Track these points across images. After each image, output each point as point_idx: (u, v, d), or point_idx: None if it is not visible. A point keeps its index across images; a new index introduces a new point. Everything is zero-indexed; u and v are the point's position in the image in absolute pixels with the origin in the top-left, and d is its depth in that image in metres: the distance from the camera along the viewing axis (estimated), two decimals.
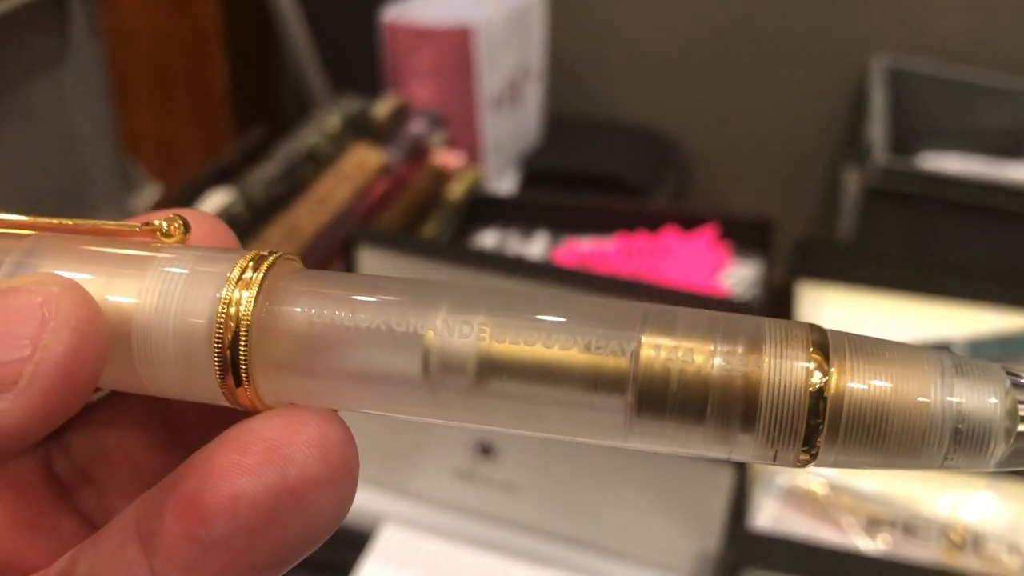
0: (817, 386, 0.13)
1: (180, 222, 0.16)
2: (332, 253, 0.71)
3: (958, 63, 1.59)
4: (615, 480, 0.46)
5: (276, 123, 1.08)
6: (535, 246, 0.71)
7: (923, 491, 0.53)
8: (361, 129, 0.88)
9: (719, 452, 0.14)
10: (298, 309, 0.14)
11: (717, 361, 0.14)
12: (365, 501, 0.51)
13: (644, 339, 0.14)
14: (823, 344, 0.14)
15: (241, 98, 1.59)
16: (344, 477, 0.15)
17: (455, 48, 1.37)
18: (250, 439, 0.14)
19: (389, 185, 0.80)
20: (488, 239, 0.73)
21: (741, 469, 0.43)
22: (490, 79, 1.39)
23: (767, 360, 0.13)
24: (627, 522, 0.47)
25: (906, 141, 1.54)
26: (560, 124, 1.63)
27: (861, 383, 0.13)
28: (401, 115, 0.93)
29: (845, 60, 1.64)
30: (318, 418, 0.14)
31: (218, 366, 0.14)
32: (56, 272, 0.14)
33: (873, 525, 0.50)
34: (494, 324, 0.14)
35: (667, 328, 0.14)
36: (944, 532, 0.49)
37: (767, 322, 0.14)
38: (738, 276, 0.66)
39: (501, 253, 0.62)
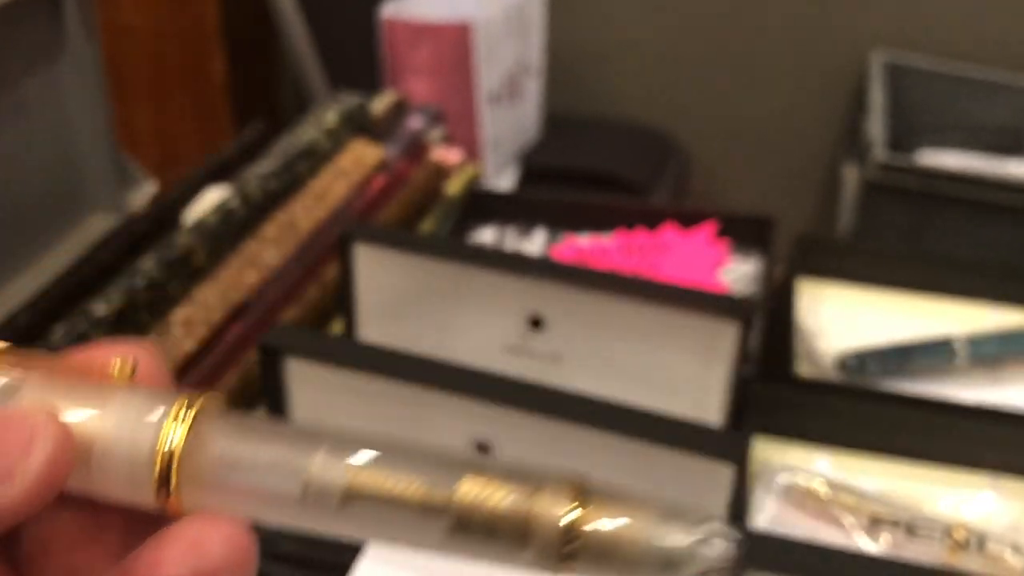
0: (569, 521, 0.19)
1: (130, 364, 0.21)
2: (329, 249, 0.70)
3: (957, 60, 1.58)
4: (615, 480, 0.46)
5: (275, 119, 1.07)
6: (533, 243, 0.70)
7: (926, 490, 0.52)
8: (358, 125, 0.87)
9: (512, 561, 0.19)
10: (215, 444, 0.20)
11: (509, 500, 0.19)
12: None
13: (464, 481, 0.20)
14: (583, 489, 0.20)
15: (240, 94, 1.58)
16: (247, 565, 0.20)
17: (454, 44, 1.36)
18: (177, 536, 0.19)
19: (387, 181, 0.79)
20: (486, 236, 0.72)
21: (741, 468, 0.42)
22: (489, 75, 1.38)
23: (542, 502, 0.19)
24: None
25: (905, 138, 1.53)
26: (559, 121, 1.62)
27: (602, 523, 0.19)
28: (399, 111, 0.92)
29: (845, 57, 1.63)
30: (227, 521, 0.19)
31: (156, 483, 0.20)
32: (40, 402, 0.20)
33: (875, 525, 0.49)
34: (358, 467, 0.20)
35: (480, 472, 0.20)
36: (947, 532, 0.48)
37: (556, 476, 0.20)
38: (738, 273, 0.65)
39: (495, 249, 0.61)
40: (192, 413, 0.20)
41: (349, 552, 0.48)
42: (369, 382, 0.47)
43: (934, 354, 0.60)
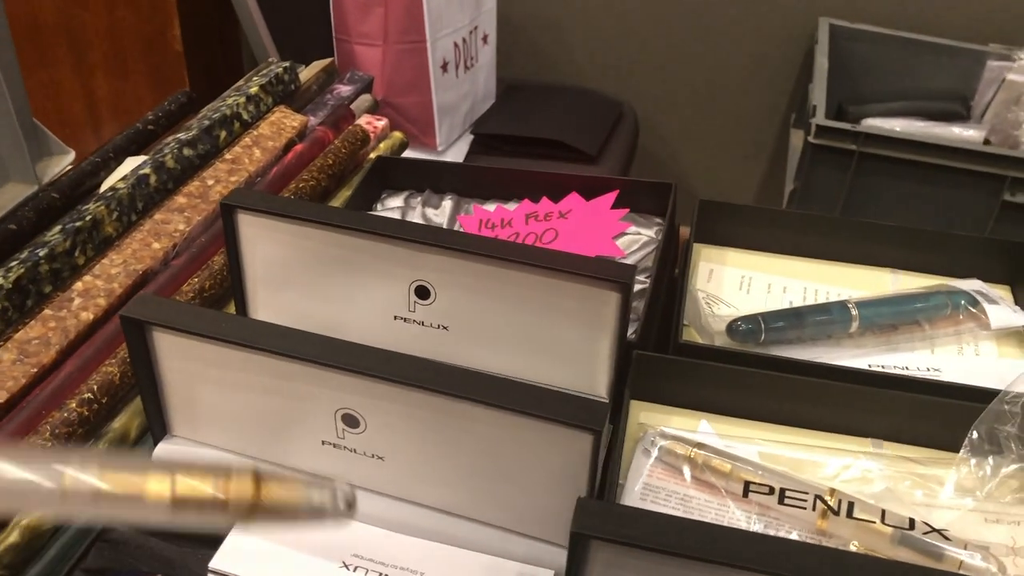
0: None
1: None
2: None
3: (906, 29, 1.55)
4: (481, 449, 0.44)
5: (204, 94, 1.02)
6: (441, 211, 0.68)
7: (807, 457, 0.51)
8: (284, 93, 0.84)
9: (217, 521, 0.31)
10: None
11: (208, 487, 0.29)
12: None
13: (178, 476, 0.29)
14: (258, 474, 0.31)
15: (199, 63, 1.54)
16: None
17: (404, 11, 1.32)
18: None
19: (304, 148, 0.76)
20: (394, 203, 0.69)
21: (598, 437, 0.40)
22: (439, 43, 1.35)
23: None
24: (497, 492, 0.45)
25: (854, 105, 1.50)
26: (512, 89, 1.59)
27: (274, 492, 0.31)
28: (327, 79, 0.89)
29: (795, 23, 1.59)
30: None
31: None
32: None
33: (749, 492, 0.47)
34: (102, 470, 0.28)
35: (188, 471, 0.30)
36: (819, 498, 0.46)
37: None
38: (636, 239, 0.63)
39: (379, 217, 0.58)
40: None
41: (221, 529, 0.46)
42: (232, 353, 0.44)
43: (828, 319, 0.58)
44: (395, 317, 0.54)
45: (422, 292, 0.53)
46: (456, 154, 1.43)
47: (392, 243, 0.52)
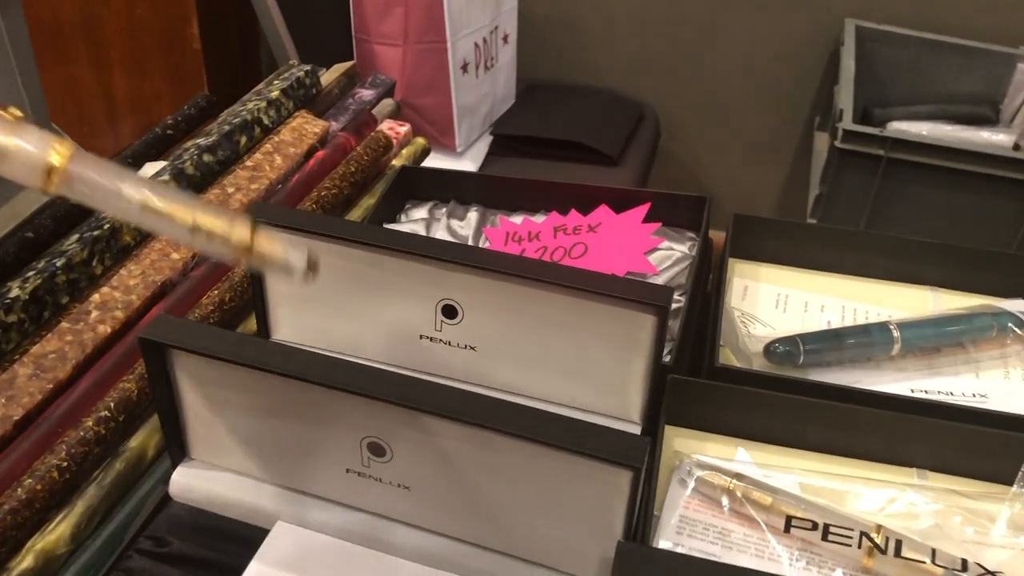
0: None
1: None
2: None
3: (932, 31, 1.52)
4: (512, 483, 0.42)
5: (254, 86, 1.00)
6: (467, 222, 0.66)
7: (848, 487, 0.48)
8: (305, 97, 0.82)
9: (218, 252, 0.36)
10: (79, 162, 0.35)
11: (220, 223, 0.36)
12: (258, 497, 0.46)
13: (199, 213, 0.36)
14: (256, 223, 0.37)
15: (217, 60, 1.52)
16: None
17: (424, 11, 1.30)
18: None
19: (326, 155, 0.74)
20: (418, 214, 0.67)
21: (638, 474, 0.38)
22: (460, 43, 1.32)
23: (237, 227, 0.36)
24: (527, 526, 0.43)
25: (880, 108, 1.48)
26: (533, 90, 1.56)
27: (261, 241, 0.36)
28: (349, 83, 0.87)
29: (820, 26, 1.56)
30: None
31: (44, 174, 0.34)
32: None
33: (789, 525, 0.45)
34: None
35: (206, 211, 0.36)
36: (863, 535, 0.44)
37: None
38: (669, 255, 0.61)
39: (406, 233, 0.56)
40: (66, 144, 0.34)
41: (240, 553, 0.44)
42: (257, 378, 0.42)
43: (868, 340, 0.55)
44: (421, 336, 0.52)
45: (449, 311, 0.51)
46: (475, 155, 1.41)
47: (418, 260, 0.49)
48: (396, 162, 0.80)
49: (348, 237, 0.50)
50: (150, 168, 0.75)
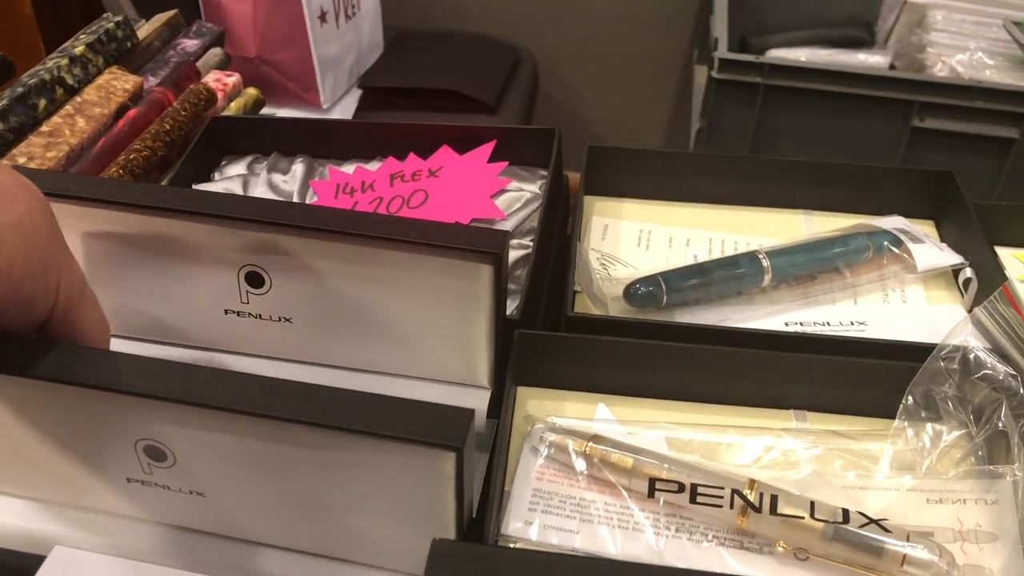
0: None
1: None
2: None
3: None
4: (320, 475, 0.35)
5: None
6: (291, 175, 0.58)
7: (723, 438, 0.43)
8: (117, 51, 0.72)
9: None
10: None
11: None
12: (30, 520, 0.38)
13: None
14: None
15: (54, 25, 1.39)
16: None
17: None
18: None
19: (138, 113, 0.65)
20: (236, 169, 0.59)
21: (460, 455, 0.32)
22: None
23: None
24: (346, 523, 0.36)
25: (757, 36, 1.43)
26: (401, 39, 1.47)
27: None
28: (171, 34, 0.77)
29: None
30: None
31: None
32: None
33: (655, 491, 0.39)
34: None
35: None
36: (737, 492, 0.38)
37: None
38: (519, 196, 0.54)
39: (191, 190, 0.47)
40: None
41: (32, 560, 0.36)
42: (10, 383, 0.34)
43: (737, 273, 0.50)
44: (227, 311, 0.44)
45: (254, 279, 0.43)
46: (344, 111, 1.31)
47: (212, 222, 0.41)
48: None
49: (125, 201, 0.42)
50: None
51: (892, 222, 0.53)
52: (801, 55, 1.36)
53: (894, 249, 0.52)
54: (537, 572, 0.27)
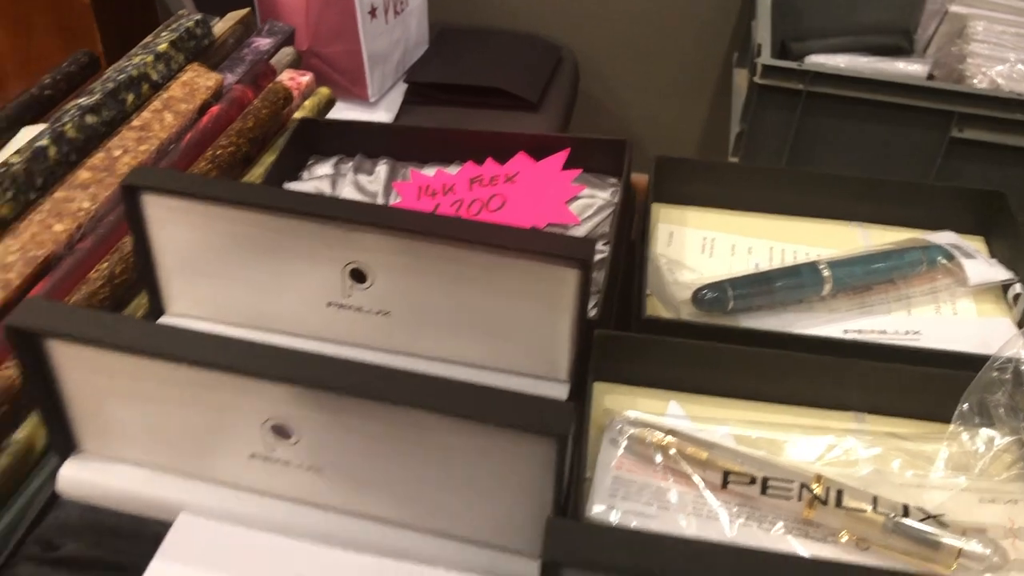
0: None
1: None
2: None
3: None
4: (431, 457, 0.39)
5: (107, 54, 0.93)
6: (375, 177, 0.62)
7: (786, 436, 0.46)
8: (196, 49, 0.76)
9: None
10: None
11: None
12: (158, 488, 0.43)
13: None
14: None
15: (109, 15, 1.43)
16: None
17: None
18: None
19: (221, 111, 0.69)
20: (323, 170, 0.63)
21: (563, 442, 0.36)
22: None
23: None
24: (450, 502, 0.40)
25: (798, 43, 1.46)
26: (446, 35, 1.51)
27: None
28: (244, 32, 0.81)
29: None
30: None
31: None
32: None
33: (728, 483, 0.43)
34: None
35: None
36: (803, 487, 0.42)
37: None
38: (591, 203, 0.58)
39: (305, 193, 0.51)
40: None
41: (140, 551, 0.40)
42: (143, 364, 0.38)
43: (798, 281, 0.53)
44: (329, 304, 0.48)
45: (358, 275, 0.47)
46: (390, 105, 1.35)
47: (320, 222, 0.45)
48: (298, 115, 0.75)
49: (242, 200, 0.46)
50: (27, 132, 0.69)
51: (945, 237, 0.57)
52: (840, 62, 1.39)
53: (946, 263, 0.55)
54: (646, 550, 0.31)
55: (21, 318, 0.38)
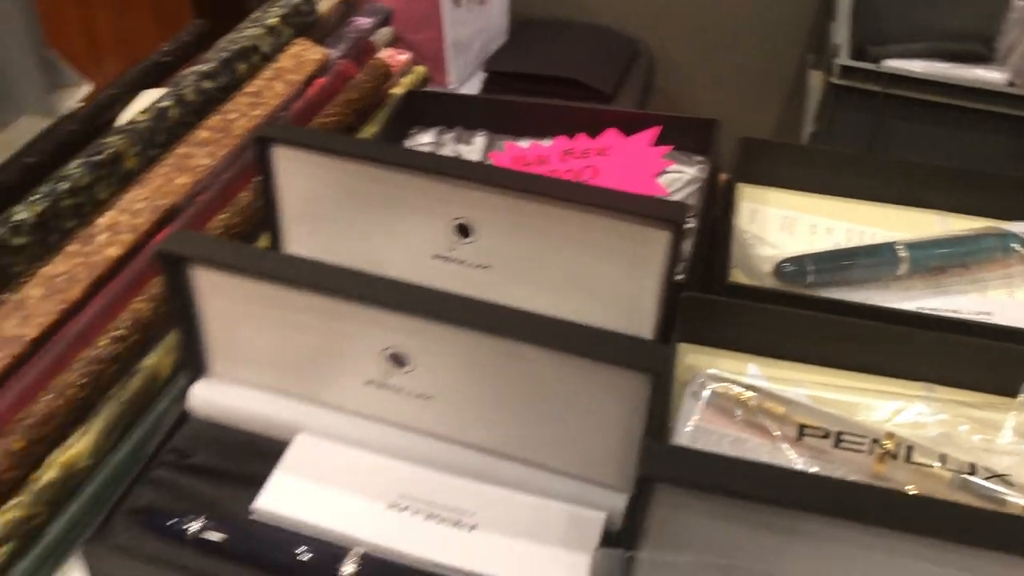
0: None
1: None
2: None
3: None
4: (533, 391, 0.43)
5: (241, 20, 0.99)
6: (473, 147, 0.66)
7: (858, 400, 0.49)
8: (302, 24, 0.81)
9: None
10: None
11: None
12: (279, 410, 0.47)
13: None
14: None
15: None
16: None
17: None
18: None
19: (328, 82, 0.74)
20: (424, 139, 0.67)
21: (658, 378, 0.39)
22: None
23: None
24: (548, 433, 0.44)
25: (874, 46, 1.47)
26: (525, 25, 1.55)
27: None
28: (346, 10, 0.86)
29: None
30: None
31: None
32: None
33: (803, 436, 0.46)
34: None
35: None
36: (875, 442, 0.45)
37: None
38: (679, 178, 0.61)
39: (420, 151, 0.56)
40: None
41: (261, 465, 0.45)
42: (278, 292, 0.43)
43: (876, 260, 0.56)
44: (434, 256, 0.53)
45: (463, 230, 0.51)
46: (468, 92, 1.40)
47: (433, 179, 0.50)
48: (395, 91, 0.80)
49: (362, 155, 0.50)
50: (148, 95, 0.74)
51: (1020, 227, 0.59)
52: (917, 67, 1.40)
53: (1021, 251, 0.58)
54: (739, 472, 0.35)
55: (171, 245, 0.43)
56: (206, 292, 0.45)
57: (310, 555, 0.41)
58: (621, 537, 0.42)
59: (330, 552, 0.41)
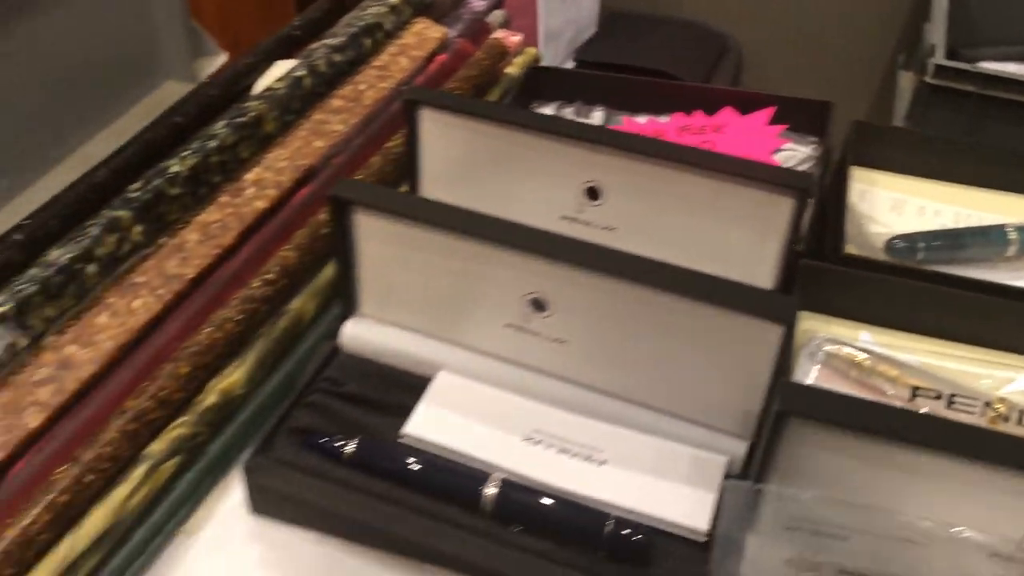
0: None
1: None
2: (392, 121, 0.70)
3: None
4: (665, 339, 0.46)
5: (341, 4, 1.04)
6: (591, 122, 0.70)
7: (966, 370, 0.52)
8: (420, 4, 0.86)
9: None
10: None
11: None
12: (423, 349, 0.51)
13: None
14: None
15: None
16: None
17: None
18: None
19: (449, 59, 0.78)
20: (547, 111, 0.71)
21: (788, 328, 0.42)
22: None
23: None
24: (679, 381, 0.47)
25: (967, 48, 1.47)
26: (615, 17, 1.58)
27: None
28: None
29: None
30: None
31: None
32: None
33: (915, 396, 0.49)
34: None
35: None
36: (987, 405, 0.48)
37: None
38: (794, 156, 0.64)
39: (556, 117, 0.60)
40: None
41: (411, 396, 0.49)
42: (431, 235, 0.47)
43: (985, 241, 0.58)
44: (562, 217, 0.56)
45: (592, 193, 0.55)
46: None
47: (567, 143, 0.54)
48: (509, 70, 0.84)
49: (502, 118, 0.54)
50: (281, 65, 0.80)
51: None
52: (1012, 69, 1.39)
53: None
54: (873, 411, 0.38)
55: (341, 190, 0.47)
56: (366, 236, 0.49)
57: (456, 477, 0.45)
58: (744, 477, 0.45)
59: (473, 475, 0.45)
